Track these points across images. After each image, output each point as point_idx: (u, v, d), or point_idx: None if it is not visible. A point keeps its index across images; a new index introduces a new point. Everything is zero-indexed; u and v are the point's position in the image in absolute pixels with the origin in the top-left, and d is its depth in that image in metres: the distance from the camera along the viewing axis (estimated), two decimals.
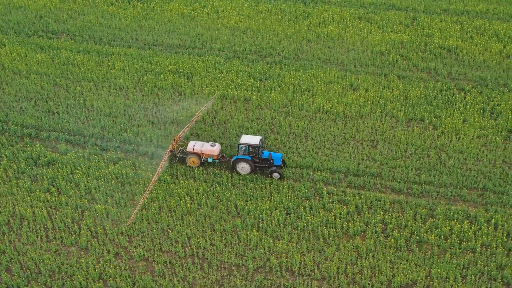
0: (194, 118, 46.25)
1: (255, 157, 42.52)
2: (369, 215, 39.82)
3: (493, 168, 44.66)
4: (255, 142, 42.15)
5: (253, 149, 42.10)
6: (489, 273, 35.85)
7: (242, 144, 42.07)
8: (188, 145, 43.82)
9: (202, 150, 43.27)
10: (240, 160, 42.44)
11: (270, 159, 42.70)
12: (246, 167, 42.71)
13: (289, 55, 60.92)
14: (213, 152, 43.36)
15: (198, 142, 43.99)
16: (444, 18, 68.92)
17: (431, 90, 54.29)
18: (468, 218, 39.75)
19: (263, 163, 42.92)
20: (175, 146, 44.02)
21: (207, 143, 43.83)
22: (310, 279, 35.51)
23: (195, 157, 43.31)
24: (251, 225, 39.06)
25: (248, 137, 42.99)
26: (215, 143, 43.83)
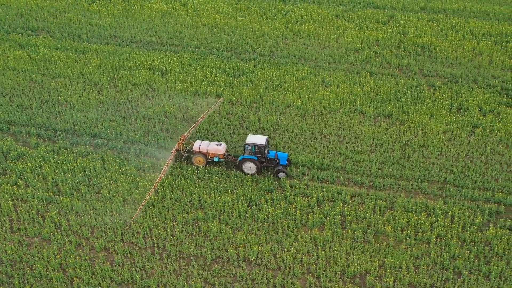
0: (200, 119, 46.74)
1: (261, 156, 42.55)
2: (329, 207, 40.62)
3: (455, 162, 45.43)
4: (261, 142, 42.34)
5: (259, 149, 42.23)
6: (441, 263, 36.60)
7: (248, 144, 42.24)
8: (194, 145, 43.86)
9: (208, 149, 43.45)
10: (246, 160, 42.60)
11: (276, 158, 42.89)
12: (252, 167, 43.06)
13: (265, 52, 61.69)
14: (219, 152, 43.64)
15: (204, 141, 43.97)
16: (421, 16, 69.68)
17: (402, 86, 55.07)
18: (426, 210, 40.52)
19: (269, 163, 43.05)
20: (181, 146, 44.16)
21: (213, 143, 43.85)
22: (266, 269, 36.29)
23: (201, 156, 43.61)
24: (212, 216, 39.81)
25: (254, 137, 42.93)
26: (221, 143, 44.11)
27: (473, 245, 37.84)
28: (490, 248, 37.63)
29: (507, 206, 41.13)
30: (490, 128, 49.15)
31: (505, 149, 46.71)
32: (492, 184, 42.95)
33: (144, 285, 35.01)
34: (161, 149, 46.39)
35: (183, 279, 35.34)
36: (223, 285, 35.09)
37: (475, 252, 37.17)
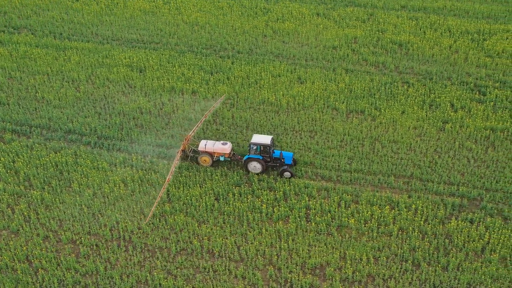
0: (203, 118, 47.20)
1: (266, 156, 42.87)
2: (295, 201, 41.27)
3: (423, 157, 46.11)
4: (266, 142, 42.65)
5: (264, 149, 42.55)
6: (401, 255, 37.25)
7: (253, 143, 42.48)
8: (199, 145, 44.05)
9: (213, 149, 43.66)
10: (251, 159, 42.87)
11: (281, 158, 43.19)
12: (257, 166, 43.22)
13: (243, 49, 62.36)
14: (225, 151, 43.86)
15: (209, 141, 44.12)
16: (401, 14, 70.35)
17: (376, 83, 55.74)
18: (391, 204, 41.18)
19: (274, 162, 43.34)
20: (186, 146, 44.29)
21: (218, 142, 44.05)
22: (228, 260, 36.98)
23: (207, 156, 43.84)
24: (179, 210, 40.49)
25: (259, 136, 43.19)
26: (226, 142, 44.18)
27: (434, 238, 38.51)
28: (450, 241, 38.27)
29: (470, 200, 41.79)
30: (460, 124, 49.75)
31: (473, 144, 47.36)
32: (458, 179, 43.61)
33: (107, 276, 35.62)
34: (134, 144, 47.00)
35: (146, 270, 36.04)
36: (185, 276, 35.72)
37: (435, 245, 37.84)
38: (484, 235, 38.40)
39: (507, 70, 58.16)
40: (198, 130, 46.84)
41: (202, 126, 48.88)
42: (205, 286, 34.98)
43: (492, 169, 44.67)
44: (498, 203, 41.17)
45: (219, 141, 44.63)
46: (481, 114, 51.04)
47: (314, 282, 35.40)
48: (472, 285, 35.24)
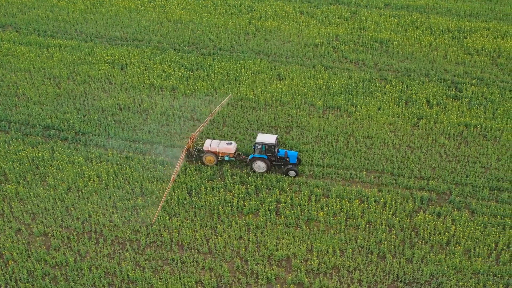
0: (208, 117, 47.50)
1: (271, 155, 43.17)
2: (266, 195, 41.86)
3: (396, 152, 46.70)
4: (271, 141, 42.95)
5: (269, 148, 42.87)
6: (368, 247, 37.85)
7: (258, 143, 42.77)
8: (204, 144, 44.29)
9: (218, 148, 43.83)
10: (256, 158, 43.09)
11: (286, 157, 43.44)
12: (262, 166, 43.43)
13: (225, 47, 62.96)
14: (230, 151, 44.04)
15: (214, 140, 44.25)
16: (383, 12, 70.90)
17: (354, 80, 56.33)
18: (360, 197, 41.76)
19: (279, 162, 43.61)
20: (191, 145, 44.53)
21: (223, 142, 44.31)
22: (197, 253, 37.60)
23: (212, 155, 44.01)
24: (151, 204, 41.09)
25: (264, 135, 43.40)
26: (231, 142, 44.31)
27: (401, 231, 39.09)
28: (417, 234, 38.85)
29: (439, 194, 42.38)
30: (435, 120, 50.34)
31: (446, 140, 47.95)
32: (429, 173, 44.21)
33: (77, 268, 36.23)
34: (111, 140, 47.61)
35: (115, 262, 36.64)
36: (153, 268, 36.34)
37: (401, 237, 38.44)
38: (450, 228, 38.92)
39: (485, 67, 58.72)
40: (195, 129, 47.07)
41: (179, 122, 49.46)
42: (172, 277, 35.51)
43: (463, 164, 45.25)
44: (466, 197, 41.76)
45: (224, 141, 45.03)
46: (456, 110, 51.63)
47: (280, 274, 35.95)
48: (435, 276, 35.80)
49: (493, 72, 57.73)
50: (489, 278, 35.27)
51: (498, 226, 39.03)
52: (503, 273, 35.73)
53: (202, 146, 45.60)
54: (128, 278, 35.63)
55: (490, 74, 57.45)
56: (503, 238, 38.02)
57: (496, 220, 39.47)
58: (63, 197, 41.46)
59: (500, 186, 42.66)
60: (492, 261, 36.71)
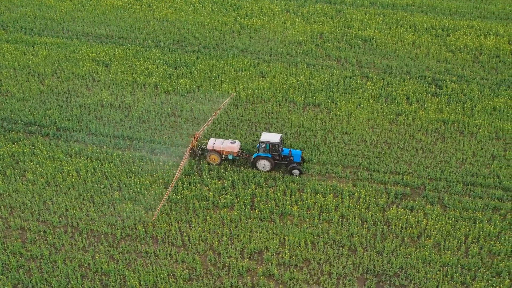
0: (212, 116, 47.87)
1: (275, 154, 43.34)
2: (241, 189, 42.38)
3: (373, 148, 47.23)
4: (275, 140, 43.24)
5: (273, 147, 42.98)
6: (340, 240, 38.37)
7: (262, 142, 42.99)
8: (208, 143, 44.46)
9: (222, 147, 44.03)
10: (260, 157, 43.41)
11: (290, 156, 43.73)
12: (266, 164, 43.79)
13: (210, 45, 63.48)
14: (233, 149, 44.23)
15: (218, 139, 44.53)
16: (369, 11, 71.43)
17: (336, 77, 56.84)
18: (335, 192, 42.28)
19: (283, 160, 43.84)
20: (195, 144, 44.78)
21: (227, 141, 44.47)
22: (171, 246, 38.12)
23: (216, 154, 44.21)
24: (128, 198, 41.62)
25: (268, 134, 43.57)
26: (235, 140, 44.56)
27: (373, 224, 39.58)
28: (389, 227, 39.36)
29: (413, 189, 42.90)
30: (413, 116, 50.85)
31: (423, 135, 48.45)
32: (404, 169, 44.72)
33: (51, 260, 36.76)
34: (92, 136, 48.15)
35: (90, 255, 37.15)
36: (127, 260, 36.86)
37: (373, 231, 38.92)
38: (422, 221, 39.42)
39: (466, 65, 59.23)
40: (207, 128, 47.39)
41: (160, 119, 50.00)
42: (144, 269, 36.04)
43: (439, 159, 45.76)
44: (440, 191, 42.28)
45: (228, 140, 45.33)
46: (435, 107, 52.14)
47: (251, 266, 36.47)
48: (404, 269, 36.27)
49: (474, 69, 58.24)
50: (457, 271, 35.72)
51: (469, 220, 39.54)
52: (471, 265, 36.22)
53: (205, 145, 45.52)
54: (102, 270, 36.17)
55: (471, 71, 57.96)
56: (473, 231, 38.53)
57: (467, 214, 39.96)
58: (41, 192, 41.98)
59: (474, 181, 43.17)
60: (461, 254, 37.20)
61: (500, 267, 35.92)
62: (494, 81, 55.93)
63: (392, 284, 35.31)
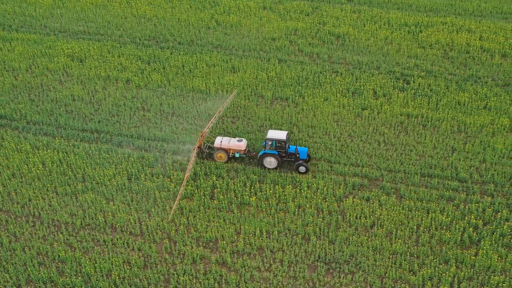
0: (216, 114, 48.45)
1: (282, 151, 43.56)
2: (203, 180, 43.26)
3: (337, 141, 48.11)
4: (282, 137, 43.54)
5: (280, 144, 43.33)
6: (294, 230, 39.27)
7: (269, 139, 43.34)
8: (215, 141, 44.82)
9: (229, 145, 44.36)
10: (267, 154, 43.71)
11: (296, 153, 44.15)
12: (273, 162, 44.03)
13: (184, 41, 64.38)
14: (240, 147, 44.54)
15: (225, 137, 44.79)
16: (345, 8, 72.25)
17: (306, 73, 57.70)
18: (294, 183, 43.15)
19: (289, 157, 44.18)
20: (202, 142, 45.31)
21: (234, 139, 44.79)
22: (129, 235, 39.02)
23: (223, 152, 44.63)
24: (91, 189, 42.53)
25: (274, 132, 43.77)
26: (242, 139, 44.96)
27: (328, 214, 40.45)
28: (344, 217, 40.24)
29: (371, 180, 43.80)
30: (378, 110, 51.72)
31: (387, 129, 49.34)
32: (364, 161, 45.59)
33: (10, 248, 37.65)
34: (60, 129, 49.06)
35: (48, 243, 38.05)
36: (84, 249, 37.79)
37: (328, 220, 39.80)
38: (376, 211, 40.30)
39: (436, 60, 60.10)
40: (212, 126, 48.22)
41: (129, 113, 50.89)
42: (101, 257, 36.94)
43: (399, 152, 46.66)
44: (397, 183, 43.14)
45: (235, 138, 46.02)
46: (401, 101, 53.02)
47: (205, 254, 37.37)
48: (355, 257, 37.17)
49: (443, 65, 59.11)
50: (406, 258, 36.60)
51: (422, 210, 40.43)
52: (420, 253, 37.10)
53: (212, 143, 46.24)
54: (59, 258, 37.01)
55: (440, 67, 58.83)
56: (426, 221, 39.40)
57: (421, 205, 40.86)
58: (6, 183, 42.89)
59: (432, 172, 44.07)
60: (411, 242, 38.07)
61: (448, 255, 36.77)
62: (461, 76, 56.79)
63: (342, 271, 36.14)
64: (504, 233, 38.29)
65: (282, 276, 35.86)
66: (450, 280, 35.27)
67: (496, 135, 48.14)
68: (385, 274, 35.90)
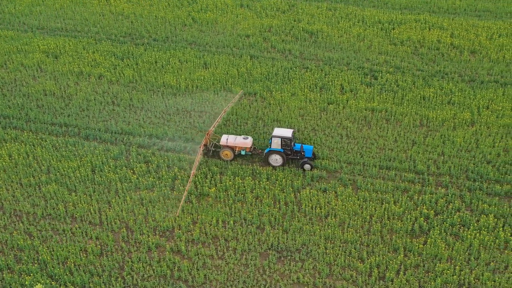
0: (222, 113, 49.08)
1: (287, 149, 43.95)
2: (164, 172, 44.21)
3: (300, 134, 49.03)
4: (288, 135, 44.14)
5: (285, 142, 43.86)
6: (250, 220, 40.21)
7: (274, 136, 43.98)
8: (221, 139, 45.31)
9: (235, 143, 44.84)
10: (272, 152, 44.23)
11: (301, 151, 44.54)
12: (278, 159, 44.41)
13: (160, 37, 65.31)
14: (246, 145, 44.99)
15: (230, 135, 45.35)
16: (321, 5, 73.15)
17: (276, 68, 58.62)
18: (254, 175, 44.08)
19: (295, 155, 44.62)
20: (208, 140, 45.91)
21: (240, 137, 45.33)
22: (88, 224, 40.00)
23: (229, 150, 45.12)
24: (54, 180, 43.49)
25: (280, 130, 44.26)
26: (247, 136, 45.46)
27: (285, 205, 41.38)
28: (300, 208, 41.17)
29: (330, 172, 44.70)
30: (344, 105, 52.65)
31: (351, 123, 50.26)
32: (326, 153, 46.47)
33: None
34: (30, 123, 50.02)
35: (8, 232, 38.99)
36: (43, 238, 38.73)
37: (284, 211, 40.74)
38: (332, 202, 41.23)
39: (405, 57, 61.03)
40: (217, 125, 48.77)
41: (99, 108, 51.82)
42: (58, 245, 37.90)
43: (361, 145, 47.59)
44: (355, 175, 44.05)
45: (241, 136, 46.26)
46: (367, 96, 53.91)
47: (161, 243, 38.32)
48: (307, 245, 38.10)
49: (412, 61, 60.03)
50: (356, 247, 37.54)
51: (377, 200, 41.32)
52: (370, 242, 38.04)
53: (218, 141, 46.98)
54: (18, 246, 37.93)
55: (409, 63, 59.75)
56: (379, 211, 40.31)
57: (376, 196, 41.77)
58: None
59: (390, 165, 44.98)
60: (363, 232, 39.00)
61: (397, 243, 37.67)
62: (429, 72, 57.71)
63: (292, 259, 37.06)
64: (454, 223, 39.18)
65: (234, 264, 36.77)
66: (397, 267, 36.14)
67: (457, 129, 48.99)
68: (334, 261, 36.75)
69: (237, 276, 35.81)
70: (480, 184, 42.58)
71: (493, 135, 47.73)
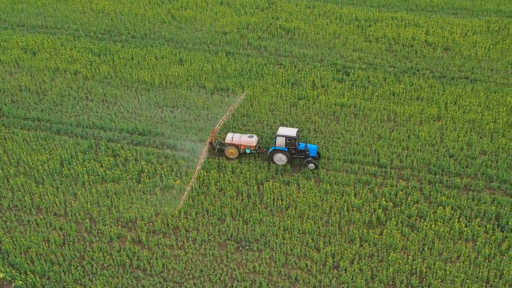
0: (227, 112, 49.68)
1: (292, 148, 44.38)
2: (131, 165, 45.04)
3: (269, 129, 49.85)
4: (292, 134, 44.54)
5: (290, 141, 44.34)
6: (212, 211, 41.01)
7: (279, 135, 44.42)
8: (226, 137, 45.57)
9: (240, 141, 45.18)
10: (277, 151, 44.51)
11: (306, 150, 44.93)
12: (283, 158, 44.73)
13: (138, 34, 66.13)
14: (251, 143, 45.31)
15: (235, 134, 45.54)
16: (300, 3, 73.97)
17: (250, 65, 59.42)
18: (219, 167, 44.87)
19: (299, 154, 44.84)
20: (213, 139, 46.25)
21: (245, 135, 45.63)
22: (53, 215, 40.81)
23: (234, 148, 45.39)
24: (23, 173, 44.30)
25: (285, 129, 44.63)
26: (252, 135, 45.70)
27: (247, 197, 42.18)
28: (261, 200, 41.99)
29: (295, 166, 45.46)
30: (314, 100, 53.47)
31: (319, 118, 51.06)
32: None
33: None
34: (3, 117, 50.83)
35: None
36: (8, 228, 39.56)
37: (246, 202, 41.54)
38: (293, 194, 42.04)
39: (379, 54, 61.83)
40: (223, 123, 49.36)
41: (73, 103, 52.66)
42: (22, 236, 38.71)
43: (327, 139, 48.38)
44: (319, 168, 44.82)
45: (246, 134, 47.09)
46: (337, 92, 54.72)
47: (123, 233, 39.15)
48: (265, 236, 38.91)
49: (385, 58, 60.84)
50: (313, 237, 38.36)
51: (337, 193, 42.10)
52: (328, 233, 38.85)
53: (223, 139, 47.57)
54: None
55: (382, 59, 60.56)
56: (339, 203, 41.12)
57: (338, 188, 42.54)
58: None
59: (354, 159, 45.79)
60: (322, 223, 39.81)
61: (354, 234, 38.48)
62: (401, 68, 58.53)
63: (250, 249, 37.88)
64: (411, 214, 39.97)
65: (192, 254, 37.59)
66: (351, 257, 36.94)
67: (423, 124, 49.78)
68: (290, 251, 37.55)
69: (195, 265, 36.60)
70: (441, 177, 43.34)
71: (458, 130, 48.48)
